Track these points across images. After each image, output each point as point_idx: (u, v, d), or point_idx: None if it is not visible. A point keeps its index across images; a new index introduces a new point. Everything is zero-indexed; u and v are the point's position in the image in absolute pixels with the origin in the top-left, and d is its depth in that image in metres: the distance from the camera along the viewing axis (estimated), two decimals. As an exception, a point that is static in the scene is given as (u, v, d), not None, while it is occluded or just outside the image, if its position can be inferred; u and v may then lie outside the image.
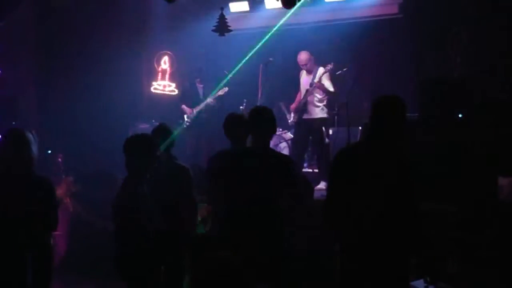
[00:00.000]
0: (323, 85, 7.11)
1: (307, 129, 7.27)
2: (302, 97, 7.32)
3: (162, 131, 4.72)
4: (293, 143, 7.81)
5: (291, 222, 3.86)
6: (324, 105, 7.27)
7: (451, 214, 5.14)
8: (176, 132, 4.77)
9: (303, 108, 7.24)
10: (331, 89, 7.19)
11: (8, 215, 3.22)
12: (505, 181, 5.36)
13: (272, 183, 3.70)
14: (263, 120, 3.89)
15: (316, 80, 7.12)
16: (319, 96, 7.21)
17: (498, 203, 5.23)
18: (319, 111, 7.23)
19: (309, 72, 7.33)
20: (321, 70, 7.18)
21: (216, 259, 2.50)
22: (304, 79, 7.42)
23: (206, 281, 2.46)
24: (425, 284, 4.17)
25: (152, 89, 9.55)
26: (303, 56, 7.30)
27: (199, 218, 5.68)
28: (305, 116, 7.27)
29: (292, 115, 7.49)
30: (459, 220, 5.08)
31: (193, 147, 8.36)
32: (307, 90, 7.23)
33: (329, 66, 7.13)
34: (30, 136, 3.37)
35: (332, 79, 7.27)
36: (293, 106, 7.45)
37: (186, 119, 8.40)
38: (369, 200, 3.02)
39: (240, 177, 3.76)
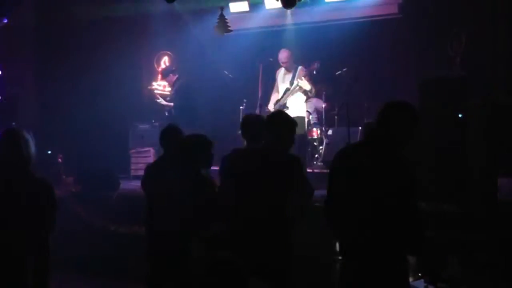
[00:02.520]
0: (304, 84, 7.14)
1: None
2: (280, 96, 7.36)
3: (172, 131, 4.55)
4: None
5: (295, 223, 3.85)
6: (301, 104, 7.35)
7: (451, 214, 5.14)
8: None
9: (283, 107, 7.28)
10: (312, 88, 7.27)
11: (5, 215, 3.21)
12: (505, 181, 5.37)
13: (278, 183, 3.69)
14: (277, 122, 3.87)
15: (296, 79, 7.16)
16: (299, 95, 7.25)
17: (498, 203, 5.23)
18: (297, 110, 7.27)
19: (288, 70, 7.36)
20: (300, 69, 7.21)
21: (217, 260, 2.51)
22: (283, 78, 7.45)
23: (206, 281, 2.46)
24: (425, 284, 4.17)
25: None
26: (284, 54, 7.33)
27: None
28: None
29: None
30: (459, 220, 5.08)
31: None
32: (287, 89, 7.26)
33: (316, 65, 7.15)
34: (27, 136, 3.35)
35: (312, 78, 7.31)
36: (270, 105, 7.46)
37: None
38: (369, 200, 3.02)
39: (250, 176, 3.76)
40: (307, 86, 7.18)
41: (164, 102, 8.21)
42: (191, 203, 3.86)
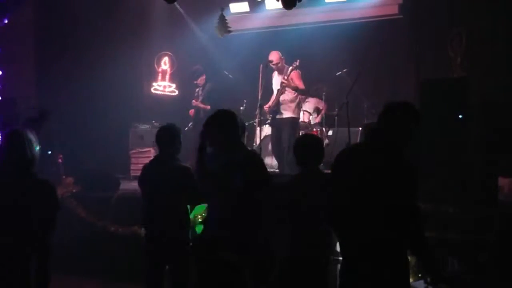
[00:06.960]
0: (292, 82, 7.16)
1: (279, 128, 7.31)
2: (274, 98, 7.40)
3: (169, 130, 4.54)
4: (271, 144, 7.85)
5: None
6: (295, 104, 7.36)
7: (451, 214, 5.15)
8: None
9: (276, 108, 7.30)
10: (300, 86, 7.26)
11: (7, 216, 3.22)
12: (505, 181, 5.37)
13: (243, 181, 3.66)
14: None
15: (285, 78, 7.18)
16: (291, 96, 7.28)
17: (498, 203, 5.23)
18: (290, 111, 7.31)
19: (280, 72, 7.39)
20: (289, 69, 7.23)
21: (214, 260, 2.51)
22: (276, 79, 7.48)
23: (205, 281, 2.46)
24: (425, 285, 4.17)
25: (152, 90, 9.55)
26: (274, 56, 7.34)
27: (199, 219, 5.67)
28: (278, 116, 7.35)
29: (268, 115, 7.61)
30: (459, 220, 5.08)
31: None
32: (278, 90, 7.29)
33: (295, 64, 7.18)
34: (31, 136, 3.36)
35: (301, 76, 7.33)
36: (266, 106, 7.49)
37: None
38: (369, 201, 3.03)
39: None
40: (293, 83, 7.21)
41: (201, 105, 8.17)
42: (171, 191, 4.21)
